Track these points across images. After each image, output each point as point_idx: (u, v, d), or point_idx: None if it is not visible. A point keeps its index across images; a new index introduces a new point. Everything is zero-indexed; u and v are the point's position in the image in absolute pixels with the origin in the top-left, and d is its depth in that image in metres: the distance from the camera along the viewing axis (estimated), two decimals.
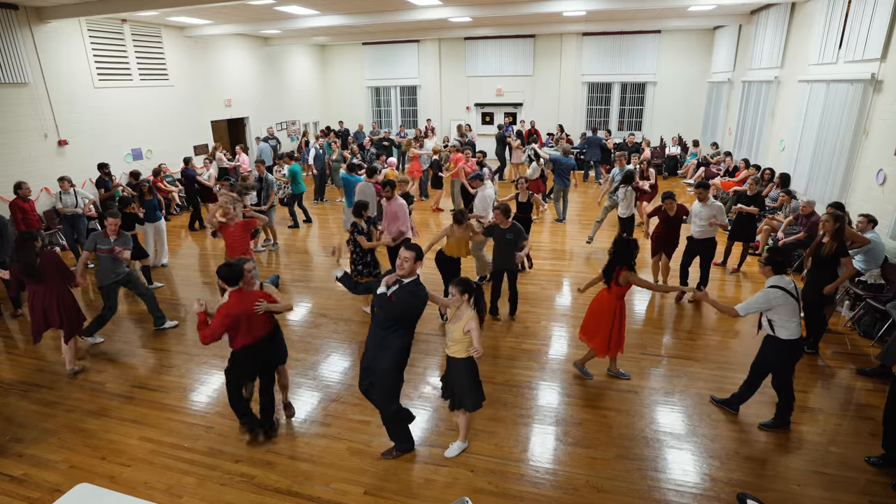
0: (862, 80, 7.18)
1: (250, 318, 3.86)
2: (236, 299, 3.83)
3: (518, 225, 5.85)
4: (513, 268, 5.96)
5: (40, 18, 9.19)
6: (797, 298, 3.99)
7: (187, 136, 13.02)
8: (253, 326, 3.89)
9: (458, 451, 3.99)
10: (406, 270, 3.54)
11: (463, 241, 5.99)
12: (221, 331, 3.76)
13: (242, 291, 3.90)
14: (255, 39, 15.40)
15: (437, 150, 12.20)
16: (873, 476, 3.69)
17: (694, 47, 15.74)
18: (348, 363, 5.40)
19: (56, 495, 3.30)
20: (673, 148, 15.29)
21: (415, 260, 3.54)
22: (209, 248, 9.45)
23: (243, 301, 3.85)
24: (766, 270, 4.12)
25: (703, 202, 6.39)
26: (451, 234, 5.97)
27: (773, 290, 3.98)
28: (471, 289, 3.56)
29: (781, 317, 3.96)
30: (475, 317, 3.53)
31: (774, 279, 4.05)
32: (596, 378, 4.98)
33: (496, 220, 5.83)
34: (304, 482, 3.74)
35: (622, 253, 4.62)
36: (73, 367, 5.26)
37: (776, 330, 4.01)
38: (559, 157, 10.07)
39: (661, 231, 6.62)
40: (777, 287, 3.98)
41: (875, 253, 5.96)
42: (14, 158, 8.98)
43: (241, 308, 3.81)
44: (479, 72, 17.82)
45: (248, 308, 3.84)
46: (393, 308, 3.51)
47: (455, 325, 3.58)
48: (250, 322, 3.86)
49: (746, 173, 10.64)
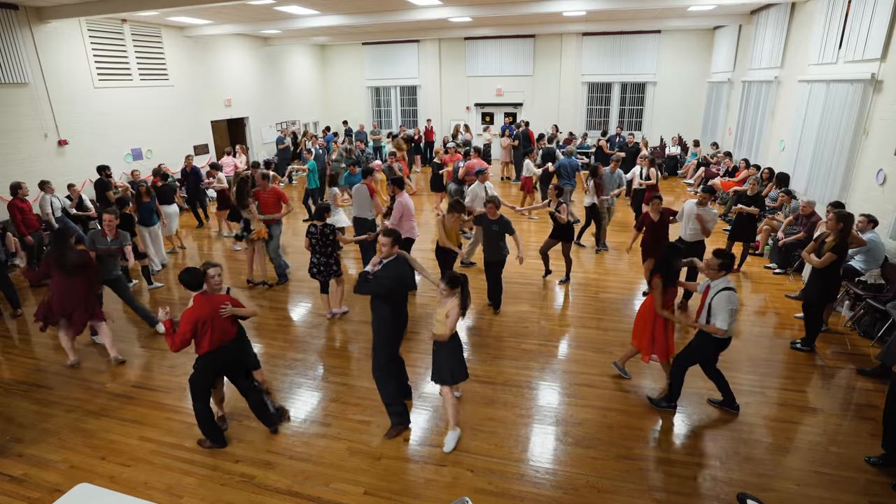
0: (862, 80, 7.18)
1: (215, 322, 3.84)
2: (199, 303, 3.81)
3: (505, 217, 5.96)
4: (498, 259, 6.06)
5: (40, 18, 9.20)
6: None
7: (187, 136, 13.02)
8: (217, 330, 3.86)
9: (454, 441, 4.03)
10: (385, 253, 3.96)
11: (454, 232, 6.19)
12: (188, 336, 3.74)
13: (207, 295, 3.88)
14: (255, 39, 15.40)
15: (438, 151, 12.21)
16: (873, 476, 3.69)
17: (694, 47, 15.74)
18: (348, 363, 5.39)
19: (56, 495, 3.30)
20: (673, 148, 15.29)
21: (392, 244, 3.95)
22: (211, 248, 9.44)
23: (207, 305, 3.82)
24: (719, 274, 4.14)
25: (702, 206, 6.21)
26: (444, 224, 6.14)
27: (731, 292, 4.04)
28: (458, 284, 3.77)
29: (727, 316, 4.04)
30: (457, 306, 3.77)
31: (724, 280, 4.11)
32: (596, 378, 4.98)
33: (487, 211, 6.00)
34: (304, 482, 3.74)
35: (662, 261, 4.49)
36: (118, 355, 5.42)
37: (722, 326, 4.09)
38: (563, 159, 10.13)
39: (650, 237, 6.43)
40: (730, 289, 4.05)
41: (875, 253, 5.97)
42: (14, 158, 8.99)
43: (204, 311, 3.79)
44: (479, 72, 17.83)
45: (212, 311, 3.82)
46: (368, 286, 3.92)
47: (440, 310, 3.82)
48: (215, 326, 3.84)
49: (746, 173, 10.65)
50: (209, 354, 3.89)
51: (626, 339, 5.71)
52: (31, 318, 6.64)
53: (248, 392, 4.17)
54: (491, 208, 5.95)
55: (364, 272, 3.95)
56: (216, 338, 3.86)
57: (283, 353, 5.58)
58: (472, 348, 5.59)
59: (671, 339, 4.59)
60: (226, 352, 3.98)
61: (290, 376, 5.12)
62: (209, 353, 3.88)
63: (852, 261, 6.14)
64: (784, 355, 5.36)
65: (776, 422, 4.32)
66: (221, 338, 3.91)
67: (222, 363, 4.00)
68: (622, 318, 6.24)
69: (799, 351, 5.39)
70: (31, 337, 6.18)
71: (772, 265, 7.76)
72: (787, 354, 5.37)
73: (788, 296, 6.69)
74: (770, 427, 4.25)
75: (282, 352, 5.60)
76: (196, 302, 3.82)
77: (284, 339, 5.89)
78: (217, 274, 3.98)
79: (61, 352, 5.58)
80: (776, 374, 5.02)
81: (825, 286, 5.15)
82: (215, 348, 3.88)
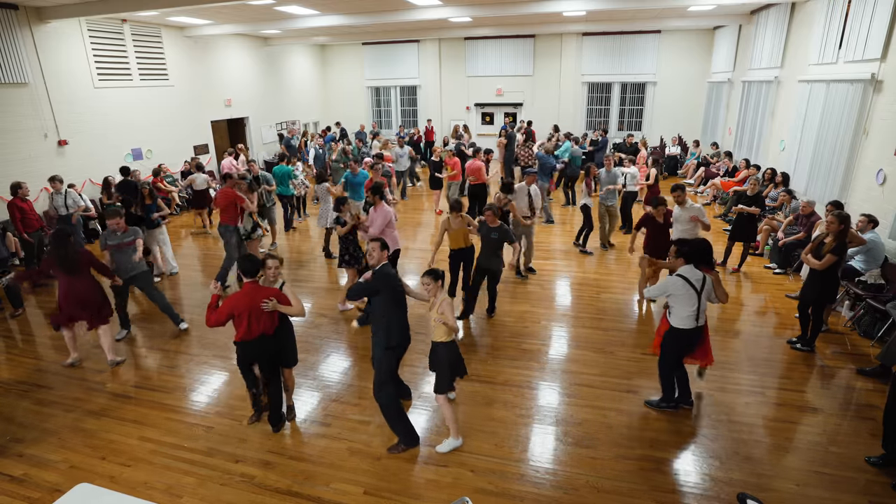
0: (862, 80, 7.18)
1: (254, 314, 3.88)
2: (247, 291, 3.89)
3: (506, 226, 5.86)
4: (495, 268, 5.95)
5: (40, 18, 9.20)
6: (698, 293, 4.08)
7: (187, 136, 13.02)
8: (255, 323, 3.90)
9: (449, 448, 4.00)
10: (375, 259, 3.94)
11: (462, 233, 6.04)
12: (223, 318, 3.84)
13: (257, 286, 3.93)
14: (255, 39, 15.40)
15: (436, 150, 12.25)
16: (873, 476, 3.69)
17: (694, 47, 15.74)
18: (348, 363, 5.39)
19: (56, 495, 3.30)
20: (673, 148, 15.30)
21: (380, 249, 3.95)
22: (212, 249, 9.44)
23: (253, 295, 3.88)
24: (678, 262, 4.23)
25: (682, 206, 6.24)
26: (449, 226, 6.01)
27: (675, 278, 4.11)
28: (439, 275, 3.78)
29: (676, 305, 4.15)
30: (447, 299, 3.74)
31: (684, 269, 4.15)
32: (596, 378, 4.98)
33: (486, 219, 5.85)
34: (304, 482, 3.74)
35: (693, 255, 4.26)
36: (115, 358, 5.39)
37: (670, 316, 4.23)
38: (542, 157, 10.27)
39: (651, 239, 6.39)
40: (680, 276, 4.09)
41: (875, 253, 5.97)
42: (14, 158, 8.99)
43: (247, 301, 3.85)
44: (479, 72, 17.84)
45: (254, 303, 3.86)
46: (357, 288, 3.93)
47: (433, 312, 3.77)
48: (253, 317, 3.88)
49: (746, 173, 10.65)
50: (244, 343, 3.96)
51: (626, 339, 5.73)
52: (31, 318, 6.66)
53: (271, 387, 4.17)
54: (489, 216, 5.79)
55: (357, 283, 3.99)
56: (254, 328, 3.91)
57: None
58: (473, 348, 5.59)
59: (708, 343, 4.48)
60: (263, 343, 3.99)
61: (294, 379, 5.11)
62: (244, 341, 3.95)
63: (852, 261, 6.14)
64: (784, 355, 5.36)
65: (776, 422, 4.32)
66: (259, 329, 3.94)
67: (257, 353, 4.02)
68: (622, 319, 6.24)
69: (799, 351, 5.39)
70: (32, 337, 6.19)
71: (772, 265, 7.76)
72: (786, 354, 5.37)
73: (789, 296, 6.69)
74: (770, 427, 4.25)
75: None
76: (243, 290, 3.91)
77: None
78: (274, 266, 4.11)
79: (61, 352, 5.59)
80: (776, 374, 5.01)
81: (823, 287, 5.15)
82: (253, 338, 3.93)
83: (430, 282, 3.75)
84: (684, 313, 4.13)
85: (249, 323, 3.88)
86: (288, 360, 4.34)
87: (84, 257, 5.13)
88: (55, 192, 8.04)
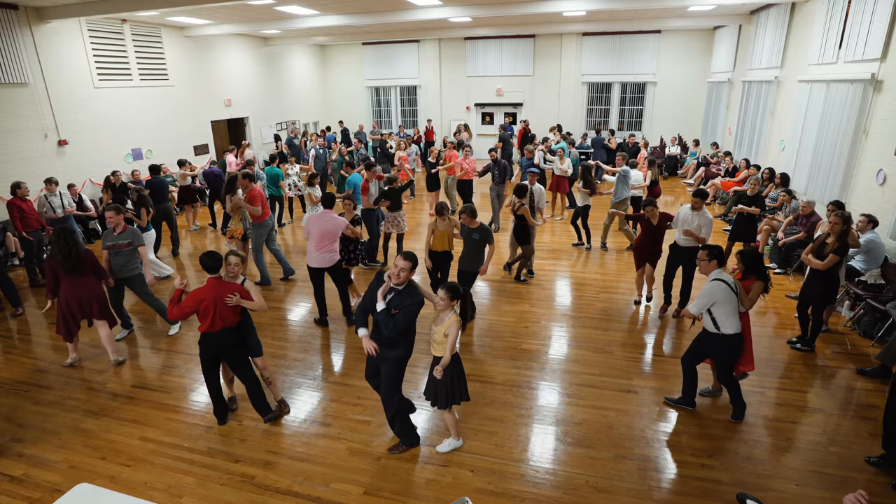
0: (862, 80, 7.18)
1: (218, 308, 4.01)
2: (209, 286, 4.04)
3: (486, 226, 5.77)
4: (472, 270, 5.83)
5: (40, 18, 9.20)
6: (737, 294, 4.04)
7: (187, 136, 13.02)
8: (219, 315, 4.03)
9: (449, 449, 4.01)
10: (402, 280, 3.52)
11: (447, 235, 5.99)
12: (187, 311, 4.00)
13: (220, 281, 4.09)
14: (255, 39, 15.40)
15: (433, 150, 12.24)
16: (873, 476, 3.69)
17: (694, 47, 15.74)
18: (348, 363, 5.39)
19: (56, 495, 3.30)
20: (673, 148, 15.30)
21: (411, 269, 3.53)
22: (209, 248, 9.43)
23: (215, 290, 4.03)
24: (710, 266, 4.15)
25: (696, 211, 5.92)
26: (435, 228, 5.98)
27: (717, 283, 4.00)
28: (458, 294, 3.56)
29: (724, 311, 4.01)
30: (457, 321, 3.55)
31: (717, 272, 4.10)
32: (596, 378, 4.98)
33: (463, 221, 5.78)
34: (304, 482, 3.74)
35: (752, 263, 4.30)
36: (116, 357, 5.42)
37: (720, 326, 4.06)
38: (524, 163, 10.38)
39: (644, 241, 6.24)
40: (721, 280, 4.01)
41: (875, 253, 5.97)
42: (14, 158, 8.99)
43: (210, 295, 3.99)
44: (479, 72, 17.83)
45: (218, 297, 4.01)
46: (396, 323, 3.48)
47: (438, 328, 3.60)
48: (216, 311, 4.01)
49: (747, 173, 10.65)
50: (208, 335, 4.09)
51: (626, 339, 5.73)
52: (31, 318, 6.66)
53: (245, 379, 4.27)
54: (465, 217, 5.74)
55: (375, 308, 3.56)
56: (217, 322, 4.05)
57: (283, 352, 5.58)
58: (473, 348, 5.59)
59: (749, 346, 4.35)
60: (225, 336, 4.12)
61: (290, 376, 5.12)
62: (208, 333, 4.08)
63: (852, 261, 6.14)
64: (784, 355, 5.36)
65: (776, 422, 4.32)
66: (222, 323, 4.08)
67: (220, 346, 4.14)
68: (623, 319, 6.24)
69: (799, 351, 5.39)
70: (31, 337, 6.19)
71: (772, 265, 7.76)
72: (786, 354, 5.37)
73: (789, 296, 6.69)
74: (770, 427, 4.25)
75: (282, 352, 5.60)
76: (207, 284, 4.05)
77: (285, 339, 5.89)
78: (237, 263, 4.24)
79: (61, 352, 5.59)
80: (776, 374, 5.01)
81: (824, 287, 5.15)
82: (215, 331, 4.07)
83: (446, 297, 3.51)
84: (732, 317, 4.01)
85: (214, 315, 4.02)
86: (253, 351, 4.43)
87: (87, 256, 5.15)
88: (49, 193, 8.00)
